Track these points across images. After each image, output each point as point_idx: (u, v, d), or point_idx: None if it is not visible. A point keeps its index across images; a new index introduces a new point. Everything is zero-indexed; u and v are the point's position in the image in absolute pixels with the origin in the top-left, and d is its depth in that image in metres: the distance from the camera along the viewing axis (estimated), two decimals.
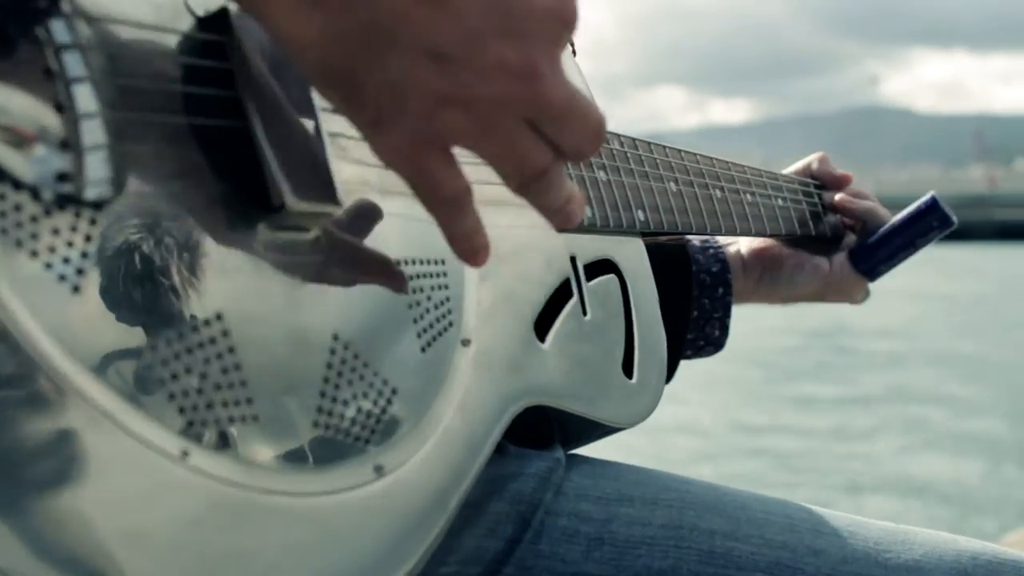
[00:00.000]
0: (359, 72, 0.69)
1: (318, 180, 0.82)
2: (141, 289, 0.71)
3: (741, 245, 1.53)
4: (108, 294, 0.69)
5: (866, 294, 1.59)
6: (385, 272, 0.89)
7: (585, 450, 1.17)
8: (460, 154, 0.73)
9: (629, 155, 1.23)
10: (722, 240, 1.52)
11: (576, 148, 0.74)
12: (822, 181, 1.60)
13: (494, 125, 0.71)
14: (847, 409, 10.35)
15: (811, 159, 1.64)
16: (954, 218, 1.55)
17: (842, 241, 1.58)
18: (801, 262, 1.53)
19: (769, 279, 1.52)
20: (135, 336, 0.70)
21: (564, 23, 0.72)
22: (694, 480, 1.13)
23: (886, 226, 1.55)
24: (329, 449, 0.80)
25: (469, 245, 0.76)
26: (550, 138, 0.73)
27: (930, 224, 1.53)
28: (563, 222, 0.78)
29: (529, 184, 0.75)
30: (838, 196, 1.57)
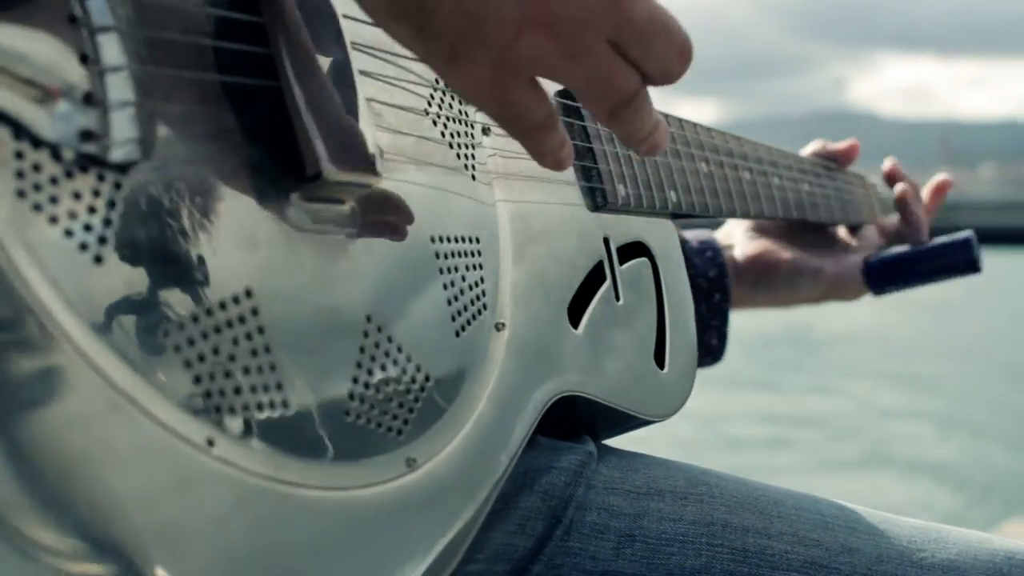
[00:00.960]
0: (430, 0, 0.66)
1: (356, 148, 0.76)
2: (166, 262, 0.65)
3: (736, 250, 1.48)
4: (132, 266, 0.63)
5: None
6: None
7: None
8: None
9: (673, 135, 1.18)
10: (721, 240, 1.48)
11: (664, 69, 0.72)
12: (833, 159, 1.55)
13: (579, 48, 0.68)
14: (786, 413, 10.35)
15: (813, 147, 1.59)
16: (982, 265, 1.47)
17: (858, 232, 1.53)
18: (799, 268, 1.47)
19: (765, 286, 1.47)
20: (160, 313, 0.64)
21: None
22: (723, 473, 1.09)
23: (912, 249, 1.49)
24: (361, 440, 0.75)
25: (556, 158, 0.75)
26: (636, 61, 0.71)
27: (957, 263, 1.46)
28: (649, 150, 0.77)
29: (618, 111, 0.72)
30: (900, 188, 1.51)
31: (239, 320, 0.68)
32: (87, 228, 0.61)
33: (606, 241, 1.08)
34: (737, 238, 1.50)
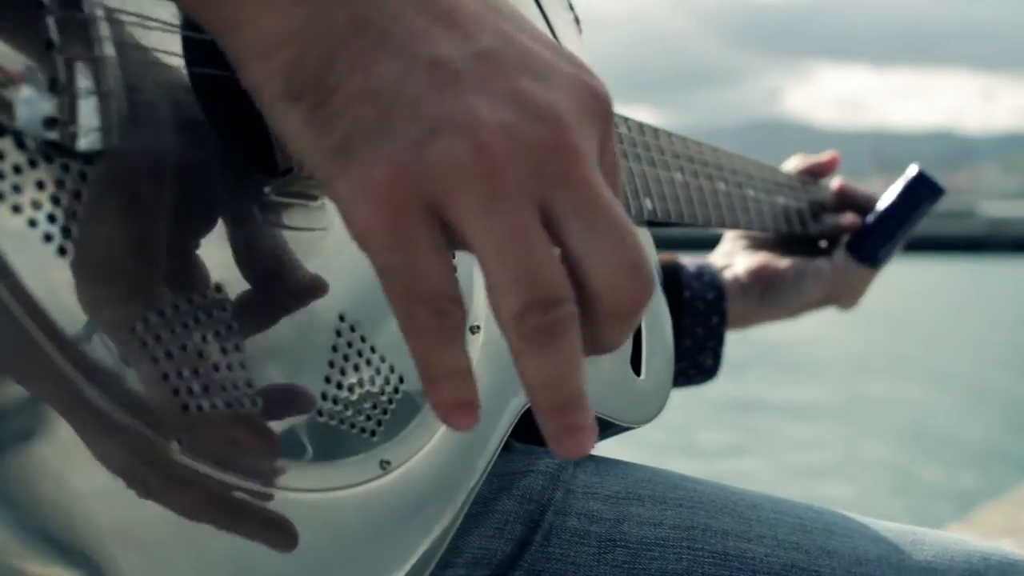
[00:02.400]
0: (336, 73, 0.53)
1: None
2: (134, 255, 0.63)
3: (737, 266, 1.47)
4: (97, 259, 0.61)
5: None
6: None
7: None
8: None
9: (636, 140, 1.17)
10: (718, 262, 1.48)
11: (608, 281, 0.54)
12: (812, 172, 1.55)
13: (504, 177, 0.51)
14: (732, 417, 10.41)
15: (794, 162, 1.58)
16: (943, 186, 1.52)
17: (839, 240, 1.53)
18: (802, 269, 1.46)
19: (774, 295, 1.46)
20: (125, 306, 0.62)
21: (596, 96, 0.56)
22: (700, 479, 1.07)
23: (877, 210, 1.51)
24: (334, 442, 0.73)
25: (451, 394, 0.55)
26: (572, 254, 0.54)
27: (920, 196, 1.50)
28: (564, 437, 0.56)
29: (533, 313, 0.53)
30: (836, 180, 1.53)
31: (207, 316, 0.66)
32: (51, 219, 0.59)
33: None
34: (737, 254, 1.50)
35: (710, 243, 1.57)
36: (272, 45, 0.54)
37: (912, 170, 1.51)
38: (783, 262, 1.47)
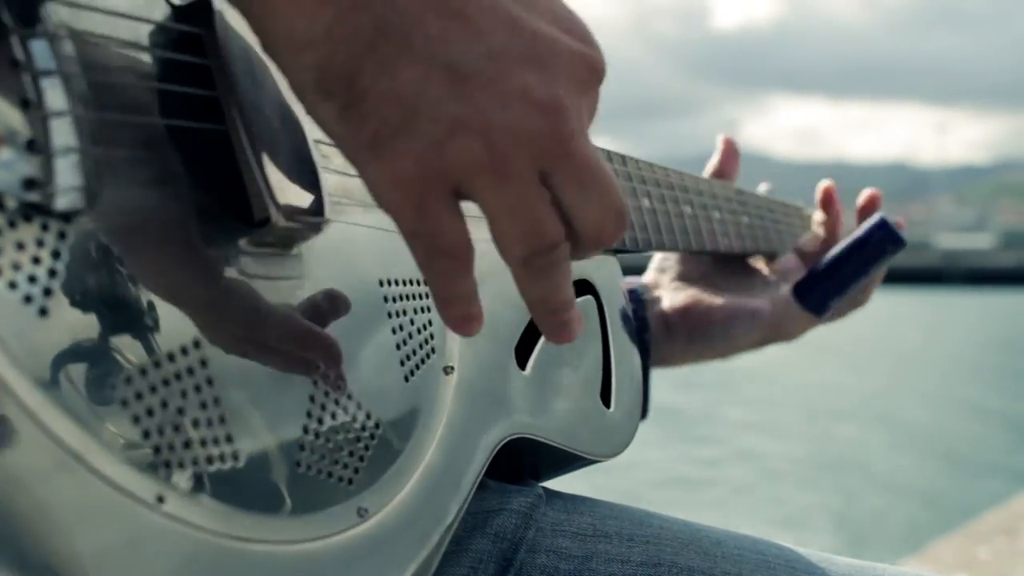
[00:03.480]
0: (364, 77, 0.60)
1: (304, 192, 0.74)
2: (113, 314, 0.62)
3: (664, 302, 1.38)
4: (78, 319, 0.61)
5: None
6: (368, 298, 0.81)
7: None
8: None
9: (617, 172, 1.17)
10: (650, 293, 1.40)
11: (597, 225, 0.66)
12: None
13: (510, 167, 0.62)
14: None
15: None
16: (905, 239, 1.40)
17: (788, 276, 1.44)
18: (735, 311, 1.36)
19: (701, 338, 1.36)
20: (107, 366, 0.62)
21: (591, 69, 0.66)
22: (667, 516, 1.08)
23: (831, 254, 1.39)
24: (312, 492, 0.73)
25: (463, 311, 0.68)
26: (568, 208, 0.65)
27: (882, 247, 1.37)
28: (559, 329, 0.70)
29: (534, 259, 0.65)
30: (825, 184, 1.44)
31: (188, 372, 0.66)
32: (31, 280, 0.59)
33: None
34: (663, 290, 1.41)
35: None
36: (301, 43, 0.60)
37: (875, 218, 1.40)
38: (715, 301, 1.37)
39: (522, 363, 0.99)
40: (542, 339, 1.02)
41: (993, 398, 15.55)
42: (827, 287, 1.38)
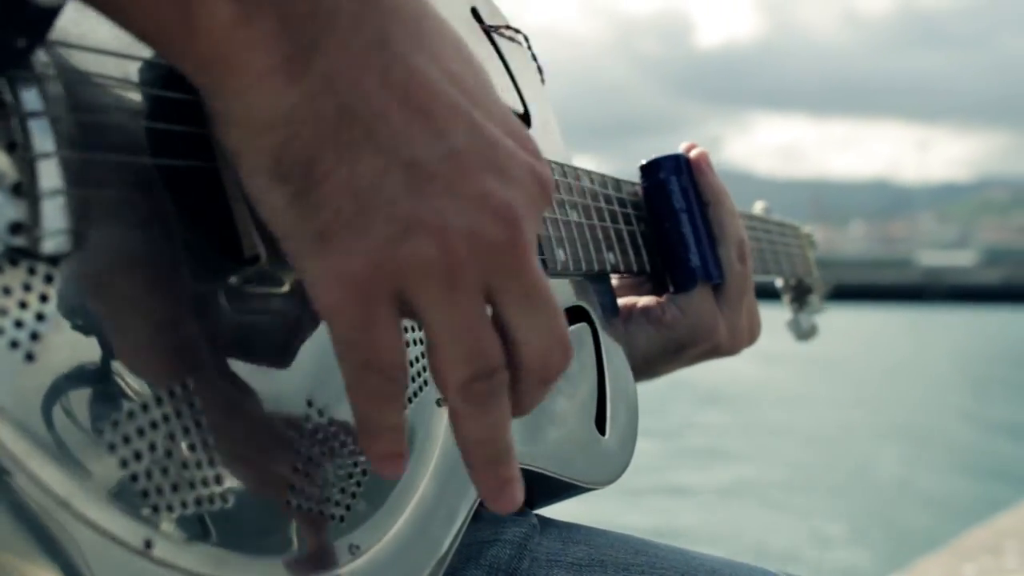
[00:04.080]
0: (323, 163, 0.58)
1: None
2: (101, 356, 0.61)
3: None
4: (65, 363, 0.59)
5: (740, 334, 1.24)
6: None
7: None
8: None
9: (600, 194, 1.16)
10: None
11: (541, 354, 0.63)
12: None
13: (463, 273, 0.59)
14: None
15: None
16: (680, 150, 1.25)
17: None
18: (627, 311, 1.21)
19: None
20: (94, 409, 0.60)
21: (543, 186, 0.63)
22: (661, 544, 1.07)
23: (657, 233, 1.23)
24: (303, 531, 0.72)
25: (389, 448, 0.64)
26: (513, 331, 0.62)
27: (664, 182, 1.22)
28: (498, 493, 0.65)
29: (474, 384, 0.61)
30: (696, 152, 1.25)
31: (176, 414, 0.64)
32: (18, 325, 0.58)
33: None
34: None
35: None
36: (263, 123, 0.58)
37: (640, 168, 1.25)
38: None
39: None
40: None
41: (977, 413, 15.58)
42: (678, 255, 1.22)
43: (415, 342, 0.85)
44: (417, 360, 0.85)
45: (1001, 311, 54.81)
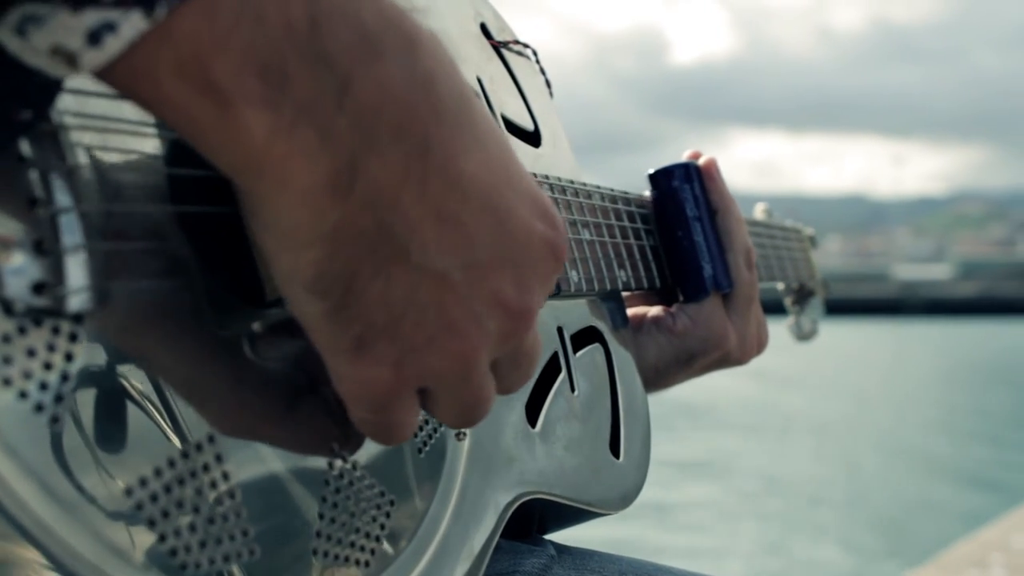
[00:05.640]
0: (361, 279, 0.59)
1: None
2: (127, 413, 0.59)
3: None
4: (91, 424, 0.57)
5: (750, 342, 1.24)
6: None
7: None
8: None
9: (611, 210, 1.14)
10: None
11: (509, 388, 0.70)
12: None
13: (477, 367, 0.64)
14: None
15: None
16: (684, 158, 1.26)
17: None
18: (638, 320, 1.21)
19: None
20: (121, 470, 0.58)
21: (556, 257, 0.66)
22: (675, 568, 1.06)
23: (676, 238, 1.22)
24: None
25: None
26: (497, 379, 0.68)
27: (674, 189, 1.22)
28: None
29: (472, 424, 0.69)
30: (705, 160, 1.25)
31: (203, 469, 0.62)
32: (43, 387, 0.55)
33: (560, 331, 1.04)
34: None
35: None
36: (305, 240, 0.57)
37: (648, 178, 1.24)
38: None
39: (532, 420, 0.96)
40: (552, 394, 0.99)
41: (956, 425, 15.63)
42: (690, 265, 1.21)
43: None
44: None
45: (977, 324, 55.06)
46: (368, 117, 0.56)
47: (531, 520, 1.03)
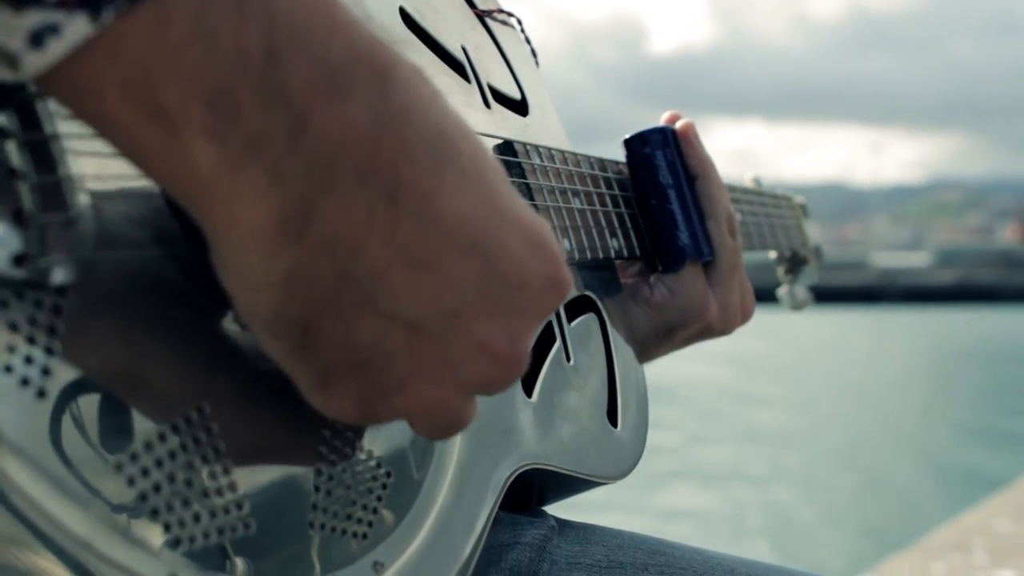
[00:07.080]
0: (319, 327, 0.55)
1: None
2: (115, 388, 0.57)
3: None
4: (78, 397, 0.55)
5: (733, 312, 1.19)
6: None
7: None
8: None
9: (600, 178, 1.13)
10: None
11: (490, 395, 0.65)
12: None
13: (448, 410, 0.60)
14: None
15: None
16: (662, 122, 1.22)
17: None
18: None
19: None
20: (110, 443, 0.56)
21: (558, 292, 0.61)
22: (679, 544, 1.05)
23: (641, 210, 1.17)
24: (326, 551, 0.68)
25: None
26: (479, 392, 0.64)
27: (650, 157, 1.17)
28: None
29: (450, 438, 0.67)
30: (682, 123, 1.21)
31: (194, 442, 0.60)
32: (28, 360, 0.53)
33: None
34: None
35: None
36: (258, 284, 0.54)
37: (624, 146, 1.20)
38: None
39: (528, 390, 0.95)
40: (547, 364, 0.98)
41: (935, 412, 15.72)
42: (667, 231, 1.17)
43: None
44: None
45: (955, 311, 55.37)
46: (326, 158, 0.53)
47: (530, 491, 1.02)
